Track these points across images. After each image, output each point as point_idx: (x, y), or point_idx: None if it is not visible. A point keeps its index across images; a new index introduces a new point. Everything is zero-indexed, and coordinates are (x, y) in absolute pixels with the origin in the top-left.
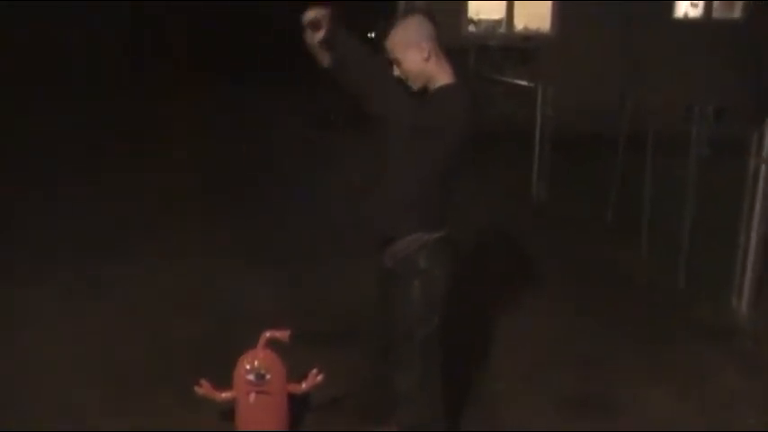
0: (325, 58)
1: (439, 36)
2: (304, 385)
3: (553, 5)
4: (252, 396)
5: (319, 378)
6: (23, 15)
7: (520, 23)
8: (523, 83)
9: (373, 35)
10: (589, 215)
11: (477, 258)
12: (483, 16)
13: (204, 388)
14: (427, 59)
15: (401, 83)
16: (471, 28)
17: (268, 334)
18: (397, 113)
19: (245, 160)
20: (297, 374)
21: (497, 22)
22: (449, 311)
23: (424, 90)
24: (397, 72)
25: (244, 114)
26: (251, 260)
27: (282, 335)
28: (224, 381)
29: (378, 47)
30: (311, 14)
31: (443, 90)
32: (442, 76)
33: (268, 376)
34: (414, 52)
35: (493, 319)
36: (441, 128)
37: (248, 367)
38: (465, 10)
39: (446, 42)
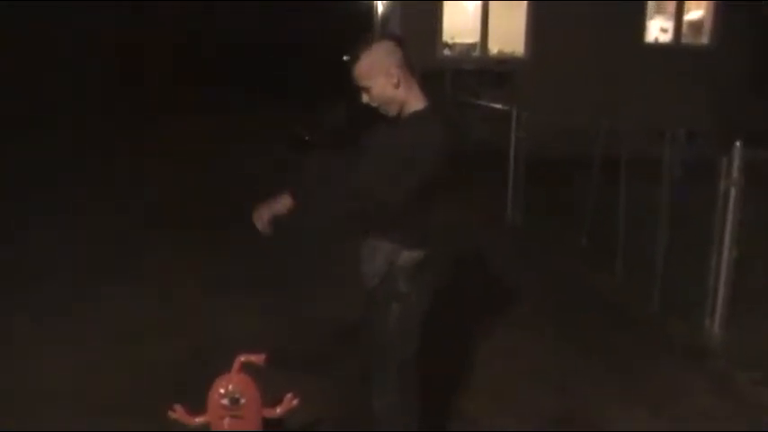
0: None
1: (408, 61)
2: (279, 410)
3: (527, 30)
4: (226, 421)
5: (294, 402)
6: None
7: (494, 47)
8: (498, 106)
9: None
10: (564, 238)
11: (452, 281)
12: (458, 40)
13: (178, 413)
14: (397, 86)
15: (371, 110)
16: (446, 51)
17: (243, 358)
18: (372, 143)
19: (223, 181)
20: (272, 399)
21: (472, 46)
22: (427, 333)
23: (398, 116)
24: (366, 99)
25: (224, 132)
26: (227, 283)
27: (258, 359)
28: (199, 405)
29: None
30: (259, 223)
31: (415, 116)
32: (413, 101)
33: (242, 400)
34: (382, 79)
35: (468, 341)
36: (414, 154)
37: (222, 391)
38: (439, 33)
39: (421, 66)
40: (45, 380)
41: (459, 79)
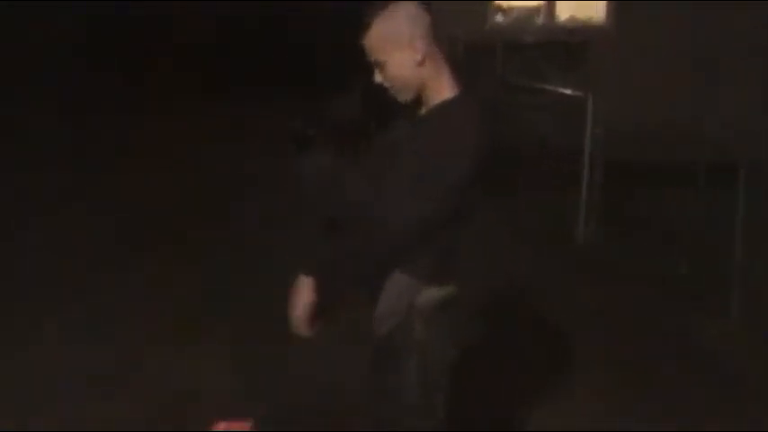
0: None
1: (437, 32)
2: None
3: None
4: None
5: None
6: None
7: (564, 12)
8: (569, 92)
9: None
10: (655, 263)
11: (503, 321)
12: (514, 3)
13: None
14: (420, 63)
15: (384, 92)
16: (499, 18)
17: (223, 427)
18: (387, 141)
19: (206, 193)
20: None
21: (534, 11)
22: (459, 392)
23: (418, 102)
24: (378, 78)
25: (215, 129)
26: (206, 323)
27: (240, 426)
28: None
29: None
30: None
31: (442, 109)
32: (440, 86)
33: None
34: (402, 53)
35: (522, 395)
36: (439, 160)
37: None
38: None
39: (465, 37)
40: None
41: (516, 56)
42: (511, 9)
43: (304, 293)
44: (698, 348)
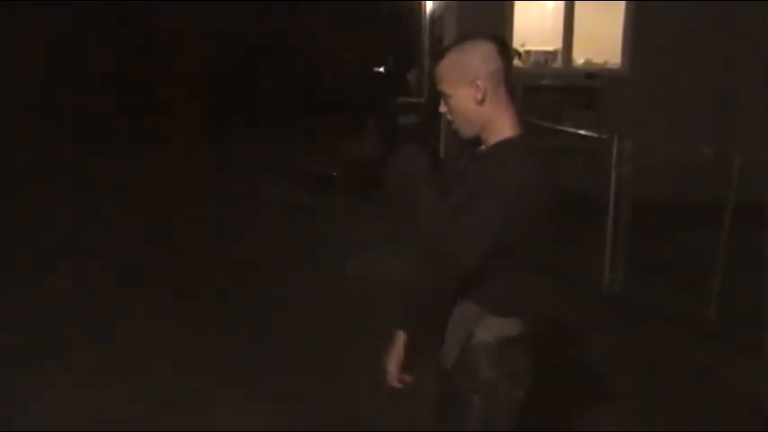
0: None
1: (508, 76)
2: None
3: (625, 33)
4: None
5: None
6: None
7: (580, 56)
8: (591, 134)
9: (383, 69)
10: (683, 310)
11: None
12: (531, 47)
13: None
14: (480, 102)
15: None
16: (516, 62)
17: None
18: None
19: (222, 235)
20: None
21: (551, 55)
22: None
23: (478, 141)
24: (444, 109)
25: (225, 166)
26: (227, 377)
27: None
28: None
29: (388, 82)
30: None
31: (500, 146)
32: (500, 126)
33: None
34: (464, 89)
35: None
36: (499, 190)
37: None
38: (509, 39)
39: None
40: None
41: (534, 98)
42: (528, 53)
43: (398, 348)
44: (729, 389)
